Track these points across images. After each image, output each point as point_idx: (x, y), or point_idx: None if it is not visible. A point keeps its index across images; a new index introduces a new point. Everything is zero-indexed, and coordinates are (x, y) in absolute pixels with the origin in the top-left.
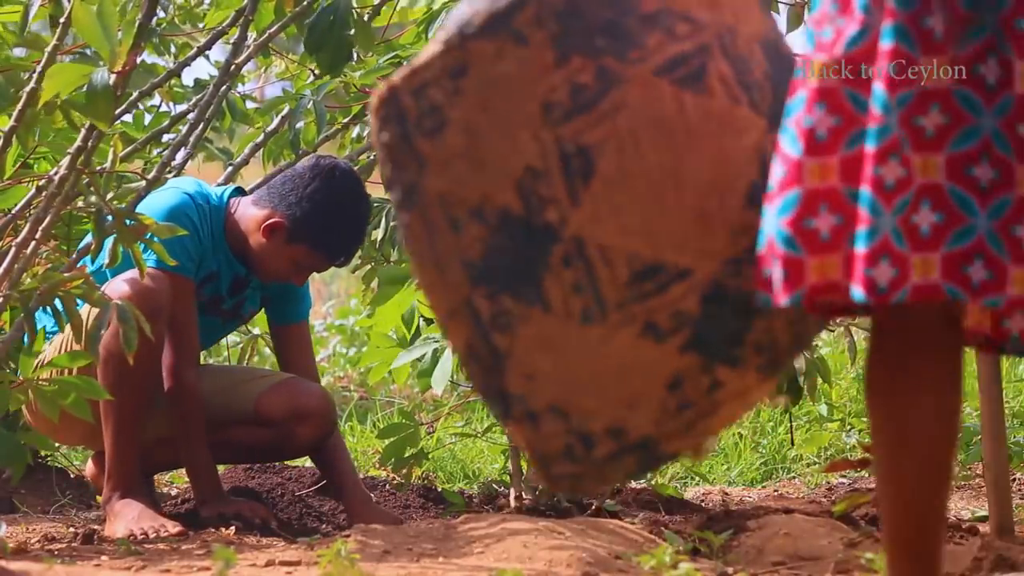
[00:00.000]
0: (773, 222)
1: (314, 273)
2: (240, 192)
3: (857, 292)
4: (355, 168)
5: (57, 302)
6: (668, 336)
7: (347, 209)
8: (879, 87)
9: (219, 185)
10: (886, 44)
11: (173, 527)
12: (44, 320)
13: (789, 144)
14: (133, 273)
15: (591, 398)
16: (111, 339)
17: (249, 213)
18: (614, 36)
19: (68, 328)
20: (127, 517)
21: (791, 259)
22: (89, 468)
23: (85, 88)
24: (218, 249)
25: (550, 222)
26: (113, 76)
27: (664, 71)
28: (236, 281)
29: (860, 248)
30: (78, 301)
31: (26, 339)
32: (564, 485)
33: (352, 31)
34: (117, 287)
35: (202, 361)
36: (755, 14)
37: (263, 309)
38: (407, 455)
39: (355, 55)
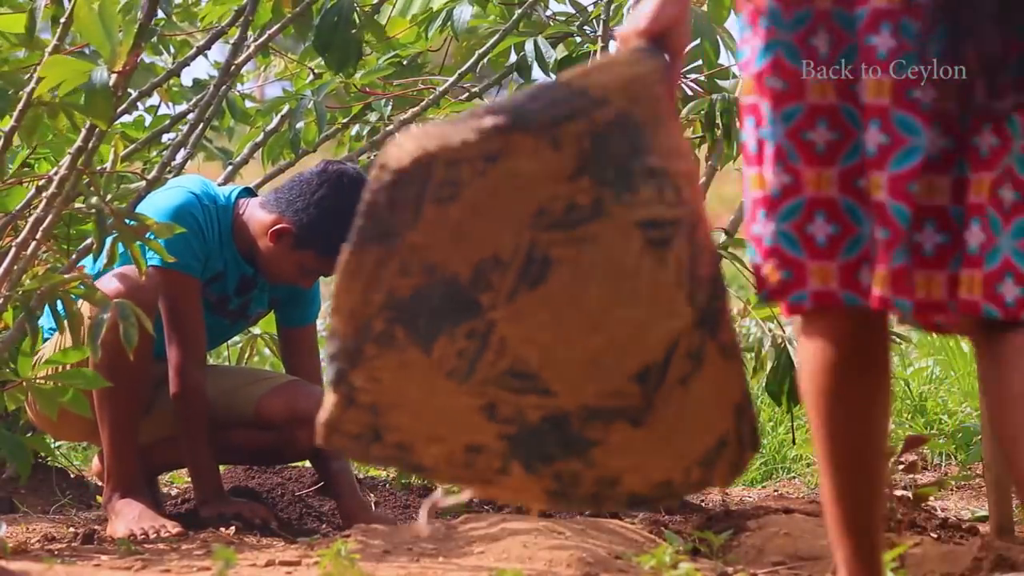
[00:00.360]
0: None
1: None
2: (248, 192)
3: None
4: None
5: (58, 303)
6: (498, 421)
7: (353, 214)
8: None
9: (219, 185)
10: (767, 60)
11: (173, 527)
12: (43, 320)
13: (788, 156)
14: (123, 269)
15: (405, 417)
16: (104, 337)
17: (257, 216)
18: (621, 175)
19: (66, 329)
20: (127, 517)
21: (794, 260)
22: (95, 466)
23: (84, 86)
24: (224, 249)
25: (480, 303)
26: (113, 76)
27: (642, 226)
28: (243, 281)
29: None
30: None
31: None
32: (331, 445)
33: (357, 29)
34: (106, 284)
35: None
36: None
37: (271, 311)
38: None
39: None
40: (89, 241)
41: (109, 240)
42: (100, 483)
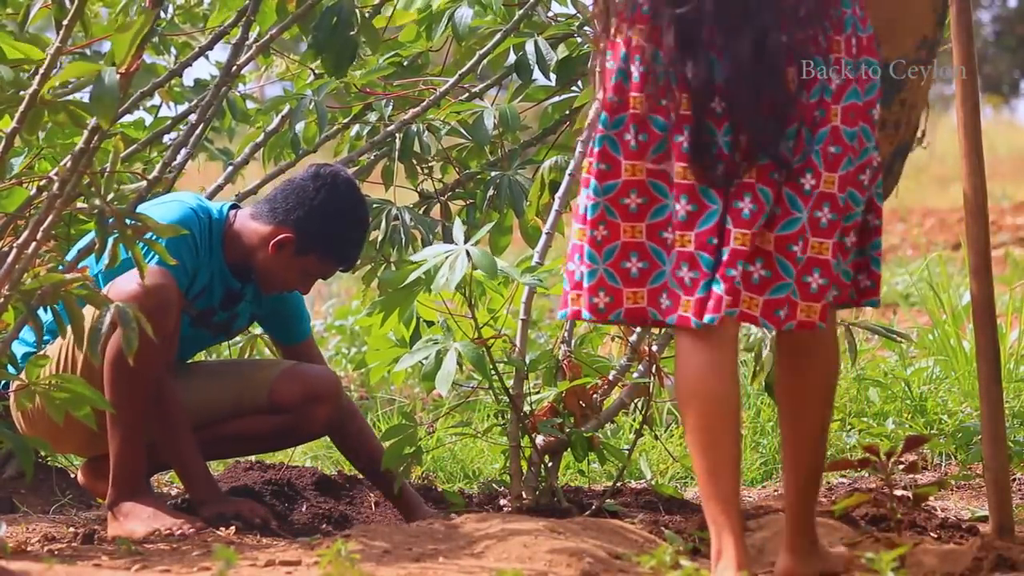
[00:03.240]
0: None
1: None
2: (235, 206)
3: (586, 314)
4: (354, 168)
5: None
6: None
7: (354, 216)
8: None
9: (218, 185)
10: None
11: (190, 524)
12: (43, 320)
13: (608, 213)
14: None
15: None
16: (119, 342)
17: (251, 227)
18: None
19: (69, 333)
20: (142, 517)
21: (613, 288)
22: (80, 477)
23: (93, 87)
24: (213, 262)
25: None
26: (118, 76)
27: None
28: (228, 295)
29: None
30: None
31: (30, 337)
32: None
33: (355, 31)
34: (125, 285)
35: (203, 358)
36: None
37: (262, 330)
38: (405, 453)
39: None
40: (89, 240)
41: (111, 240)
42: (89, 491)
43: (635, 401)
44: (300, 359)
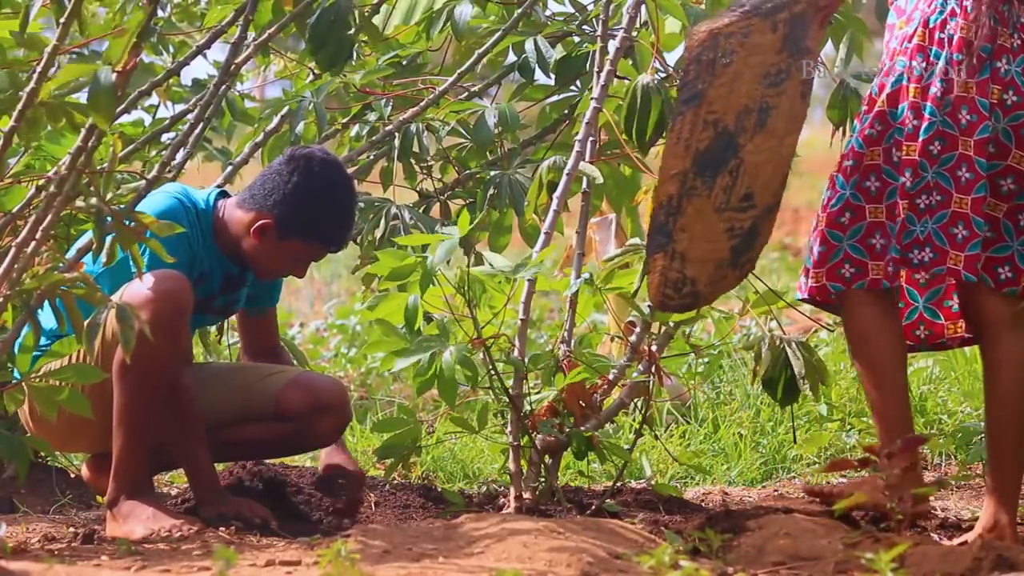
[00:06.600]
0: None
1: (313, 263)
2: (224, 194)
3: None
4: (353, 168)
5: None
6: (732, 237)
7: (330, 195)
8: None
9: (218, 186)
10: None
11: (190, 525)
12: (44, 320)
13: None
14: (157, 273)
15: (695, 254)
16: (135, 342)
17: (236, 216)
18: (798, 50)
19: (83, 349)
20: (141, 517)
21: (859, 261)
22: (84, 472)
23: (89, 87)
24: (208, 250)
25: (739, 143)
26: (115, 75)
27: (802, 82)
28: (228, 279)
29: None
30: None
31: (22, 335)
32: (663, 304)
33: (352, 31)
34: (139, 289)
35: (202, 359)
36: None
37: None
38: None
39: (355, 54)
40: (88, 240)
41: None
42: (91, 488)
43: (635, 401)
44: (260, 329)
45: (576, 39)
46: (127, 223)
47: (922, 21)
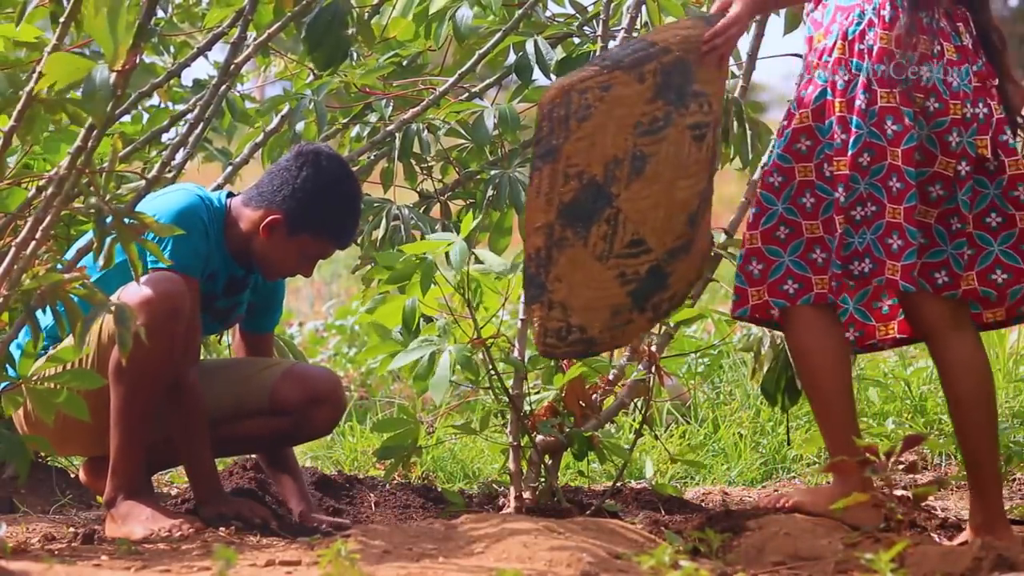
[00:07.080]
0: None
1: (319, 262)
2: (231, 196)
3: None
4: (354, 168)
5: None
6: (625, 282)
7: (340, 190)
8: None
9: (217, 185)
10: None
11: (189, 525)
12: (43, 320)
13: (790, 214)
14: (155, 275)
15: (578, 303)
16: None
17: (245, 215)
18: (680, 96)
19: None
20: (140, 518)
21: (802, 276)
22: (82, 475)
23: (84, 84)
24: (218, 249)
25: (612, 193)
26: (113, 74)
27: (691, 127)
28: (232, 281)
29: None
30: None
31: (23, 337)
32: (548, 352)
33: (350, 31)
34: (136, 290)
35: (203, 357)
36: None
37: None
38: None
39: (353, 54)
40: (88, 240)
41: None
42: (90, 489)
43: (635, 401)
44: (258, 349)
45: (576, 40)
46: (127, 222)
47: (841, 34)
